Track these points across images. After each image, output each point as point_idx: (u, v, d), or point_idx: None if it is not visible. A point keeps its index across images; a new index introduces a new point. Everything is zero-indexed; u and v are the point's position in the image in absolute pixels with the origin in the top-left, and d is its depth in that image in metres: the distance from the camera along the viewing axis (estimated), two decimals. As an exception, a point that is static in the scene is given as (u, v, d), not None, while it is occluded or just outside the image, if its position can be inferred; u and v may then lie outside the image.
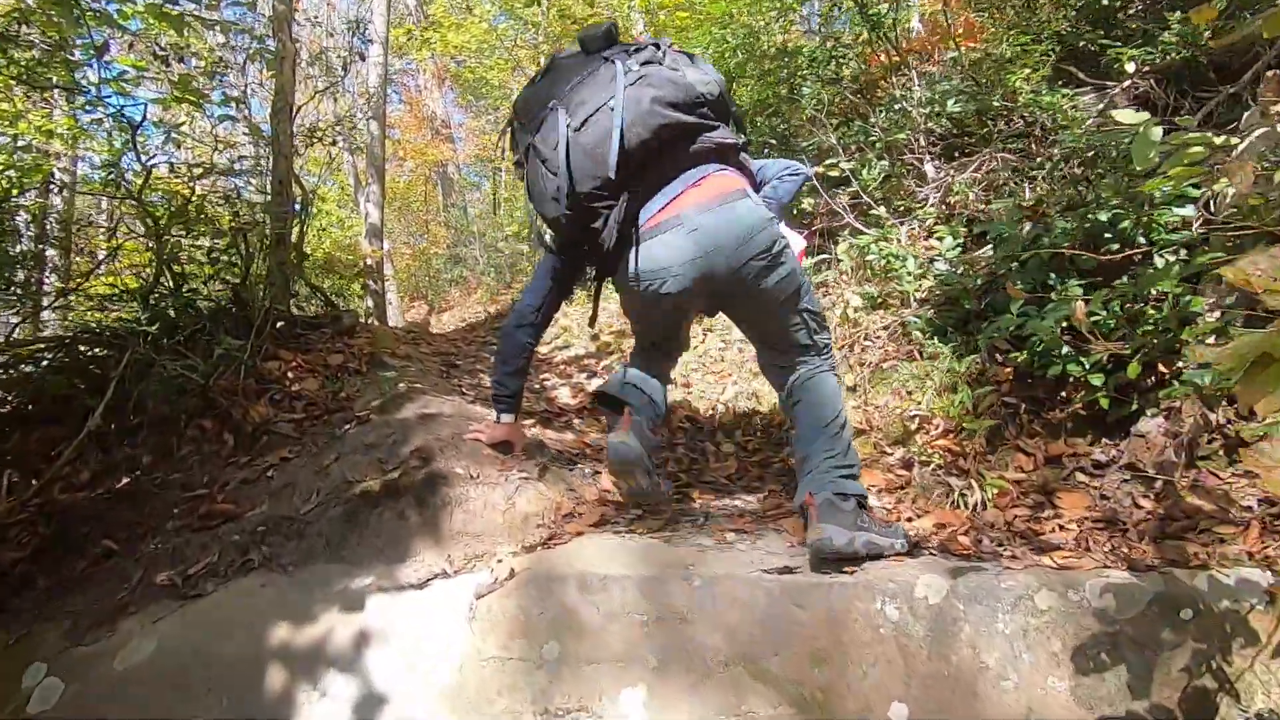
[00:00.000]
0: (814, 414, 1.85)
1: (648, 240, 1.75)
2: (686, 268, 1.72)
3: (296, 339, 3.42)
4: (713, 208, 1.71)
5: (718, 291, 1.81)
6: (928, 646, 1.40)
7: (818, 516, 1.60)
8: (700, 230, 1.70)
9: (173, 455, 2.46)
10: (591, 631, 1.50)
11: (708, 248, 1.71)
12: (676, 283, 1.74)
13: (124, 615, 1.72)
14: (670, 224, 1.72)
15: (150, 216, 3.29)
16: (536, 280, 2.02)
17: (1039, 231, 2.36)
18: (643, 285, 1.77)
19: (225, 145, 5.51)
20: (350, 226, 10.12)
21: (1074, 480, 1.91)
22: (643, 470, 1.89)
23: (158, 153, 5.26)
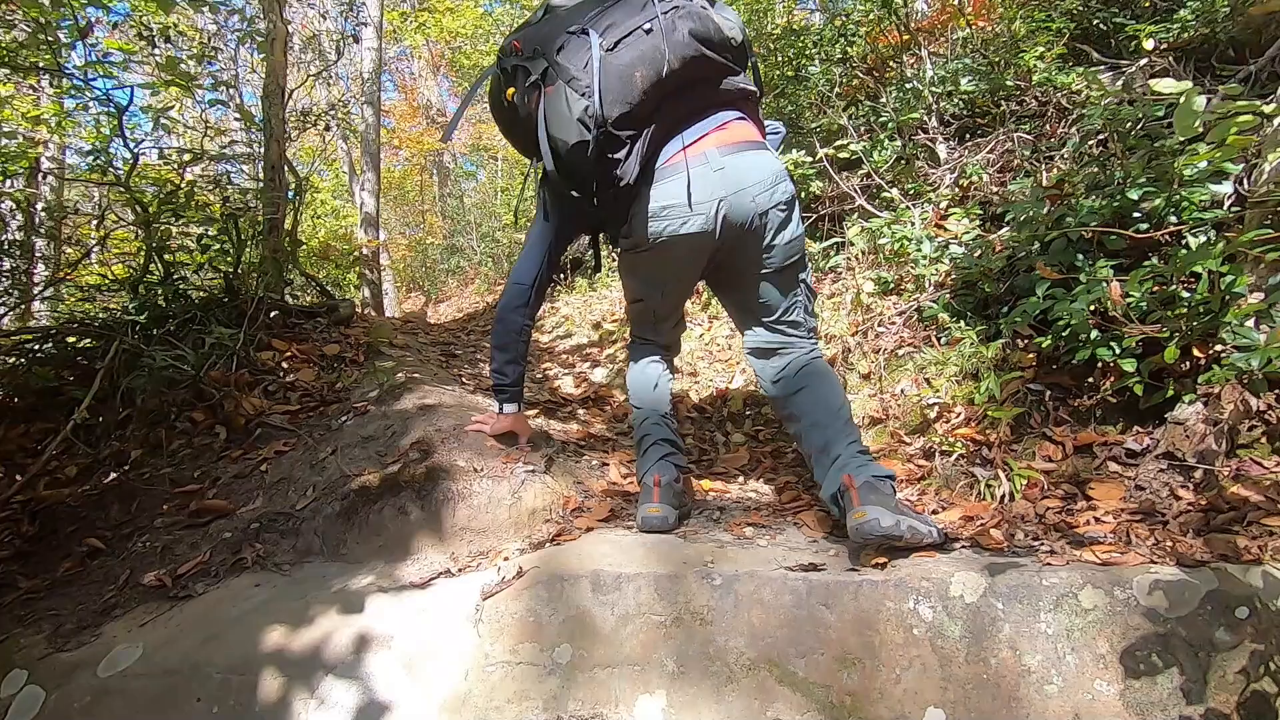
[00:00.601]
0: (827, 399, 1.78)
1: (669, 179, 1.70)
2: (710, 206, 1.68)
3: (291, 329, 3.32)
4: (739, 151, 1.71)
5: (733, 243, 1.75)
6: (965, 648, 1.31)
7: (859, 499, 1.50)
8: (727, 170, 1.69)
9: (163, 449, 2.37)
10: (605, 634, 1.41)
11: (733, 188, 1.68)
12: (698, 222, 1.70)
13: (109, 618, 1.63)
14: (695, 161, 1.69)
15: (139, 204, 3.18)
16: (527, 254, 1.92)
17: (1063, 212, 2.27)
18: (661, 226, 1.71)
19: (217, 131, 5.39)
20: (346, 216, 9.98)
21: (1106, 470, 1.83)
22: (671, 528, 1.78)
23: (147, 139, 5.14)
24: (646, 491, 1.78)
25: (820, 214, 3.60)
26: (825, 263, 3.43)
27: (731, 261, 1.84)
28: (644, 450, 1.91)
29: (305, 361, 2.98)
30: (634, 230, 1.76)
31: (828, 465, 1.66)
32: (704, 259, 1.84)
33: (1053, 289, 2.07)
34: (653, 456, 1.87)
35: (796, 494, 2.03)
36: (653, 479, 1.78)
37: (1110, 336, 1.94)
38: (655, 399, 2.01)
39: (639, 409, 2.01)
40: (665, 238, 1.73)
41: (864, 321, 2.83)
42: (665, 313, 2.03)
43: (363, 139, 7.57)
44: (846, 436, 1.69)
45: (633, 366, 2.09)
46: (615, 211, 1.78)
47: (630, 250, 1.83)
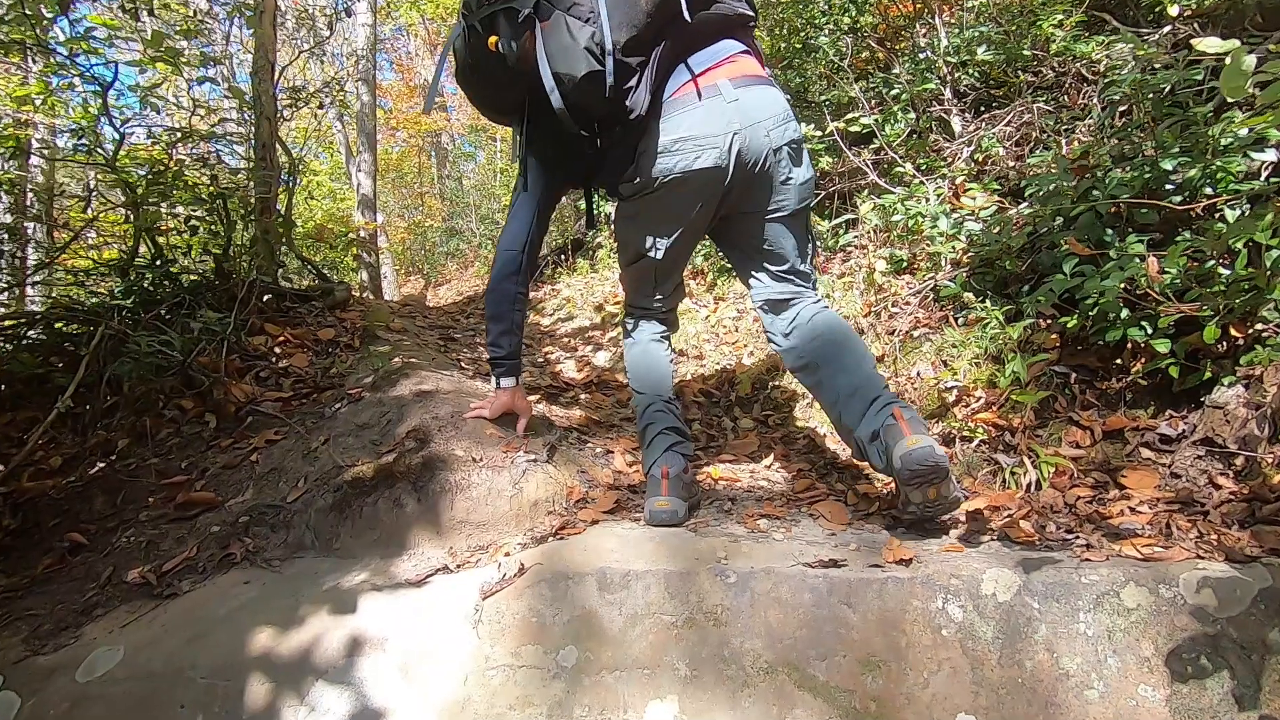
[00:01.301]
0: (851, 345, 1.73)
1: (679, 110, 1.62)
2: (725, 139, 1.61)
3: (285, 313, 3.22)
4: (750, 84, 1.65)
5: (744, 183, 1.68)
6: (998, 650, 1.22)
7: (910, 429, 1.45)
8: (741, 103, 1.62)
9: (150, 438, 2.28)
10: (613, 636, 1.33)
11: (748, 121, 1.62)
12: (711, 156, 1.61)
13: (90, 618, 1.55)
14: (708, 92, 1.62)
15: (126, 185, 3.07)
16: (514, 219, 1.81)
17: (1090, 184, 2.15)
18: (673, 162, 1.62)
19: (208, 110, 5.25)
20: (342, 199, 9.84)
21: (1139, 457, 1.73)
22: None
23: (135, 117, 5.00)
24: (654, 484, 1.69)
25: (830, 190, 3.48)
26: (835, 241, 3.32)
27: (742, 205, 1.75)
28: (649, 440, 1.81)
29: (299, 346, 2.88)
30: (641, 169, 1.66)
31: (864, 407, 1.59)
32: (715, 201, 1.73)
33: (1080, 266, 1.96)
34: (659, 447, 1.77)
35: (810, 482, 1.94)
36: (660, 470, 1.69)
37: (1141, 315, 1.84)
38: (658, 382, 1.90)
39: (641, 394, 1.90)
40: (677, 174, 1.63)
41: (877, 302, 2.72)
42: (667, 269, 1.87)
43: (358, 119, 7.41)
44: (880, 381, 1.65)
45: (631, 346, 1.97)
46: (620, 151, 1.69)
47: (635, 195, 1.72)
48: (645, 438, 1.83)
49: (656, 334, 1.98)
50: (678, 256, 1.86)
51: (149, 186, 3.09)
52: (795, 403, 2.64)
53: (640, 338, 1.97)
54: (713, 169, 1.63)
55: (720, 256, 3.71)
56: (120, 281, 2.98)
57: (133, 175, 3.16)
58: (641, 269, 1.88)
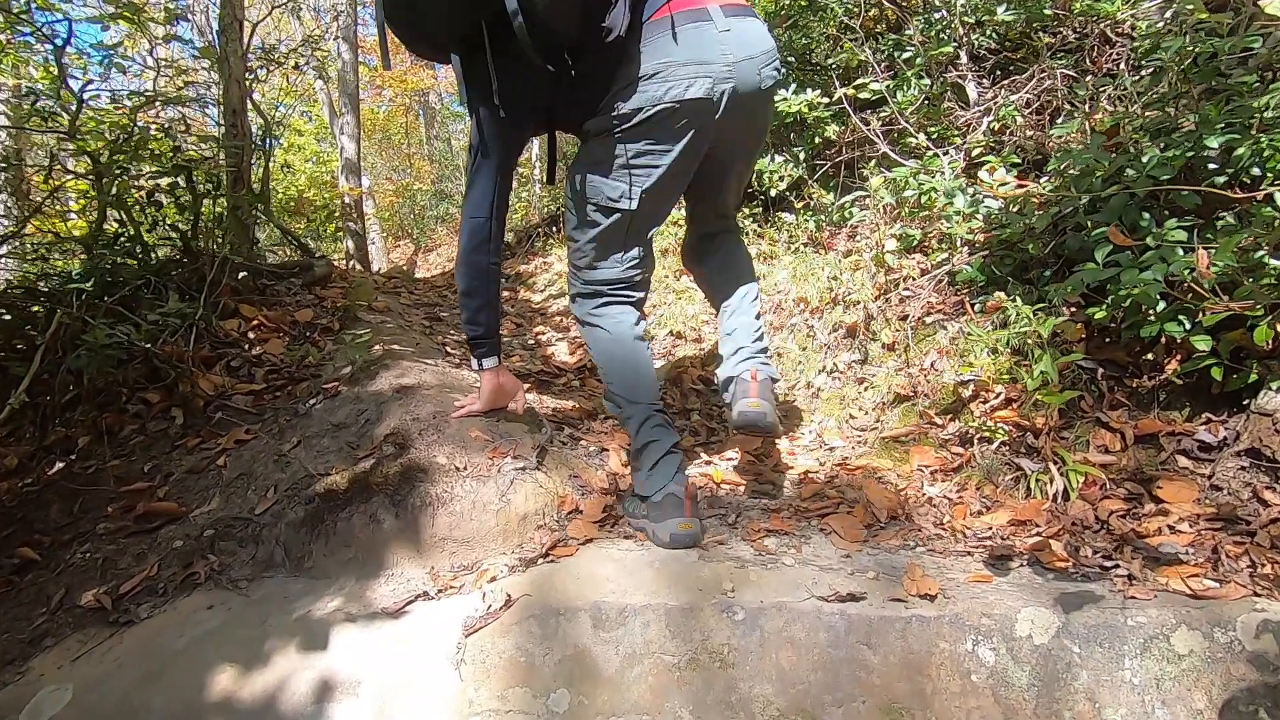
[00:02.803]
0: (744, 281, 1.84)
1: (664, 32, 1.46)
2: (716, 69, 1.48)
3: (261, 291, 3.05)
4: (740, 15, 1.53)
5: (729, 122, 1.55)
6: (1033, 699, 1.11)
7: (758, 391, 1.62)
8: (733, 33, 1.50)
9: (113, 436, 2.13)
10: (609, 677, 1.21)
11: (741, 54, 1.50)
12: (703, 86, 1.47)
13: (39, 649, 1.42)
14: (696, 16, 1.48)
15: (86, 153, 2.86)
16: (476, 181, 1.60)
17: (1124, 162, 1.98)
18: (660, 90, 1.47)
19: (177, 72, 4.96)
20: (327, 161, 9.52)
21: (1175, 465, 1.61)
22: None
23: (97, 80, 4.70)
24: (674, 503, 1.49)
25: (836, 161, 3.29)
26: (839, 215, 3.14)
27: (721, 146, 1.63)
28: (654, 462, 1.57)
29: (274, 331, 2.72)
30: (620, 100, 1.49)
31: (732, 350, 1.75)
32: (704, 139, 1.57)
33: (1114, 254, 1.81)
34: (668, 468, 1.55)
35: (819, 487, 1.81)
36: (683, 490, 1.52)
37: (1178, 309, 1.70)
38: (649, 389, 1.66)
39: (634, 404, 1.63)
40: (666, 103, 1.47)
41: (886, 284, 2.57)
42: (643, 223, 1.64)
43: (340, 78, 7.08)
44: (755, 329, 1.77)
45: (598, 333, 1.69)
46: (593, 82, 1.52)
47: (608, 131, 1.53)
48: (646, 458, 1.59)
49: (634, 322, 1.72)
50: (656, 207, 1.65)
51: (111, 155, 2.88)
52: (800, 392, 2.50)
53: (619, 330, 1.69)
54: (704, 100, 1.48)
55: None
56: (85, 258, 2.79)
57: (92, 143, 2.94)
58: (612, 227, 1.63)
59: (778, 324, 2.79)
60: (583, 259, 1.71)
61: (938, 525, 1.60)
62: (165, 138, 2.97)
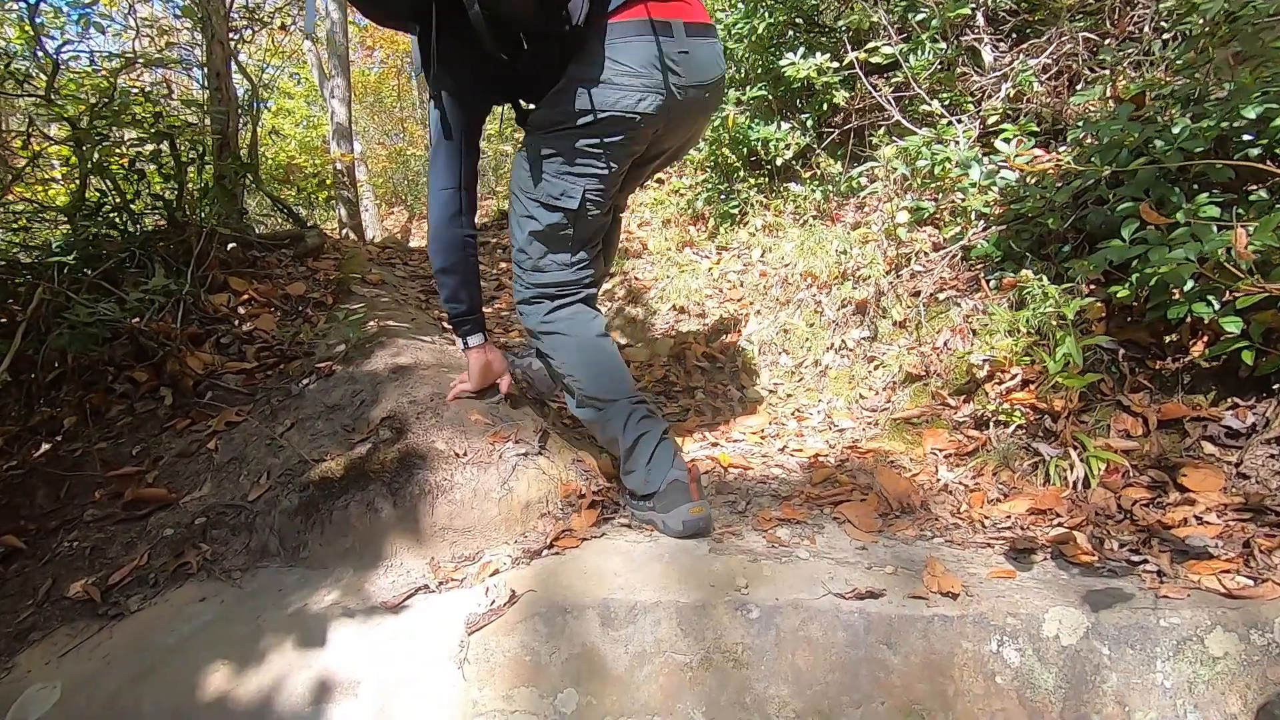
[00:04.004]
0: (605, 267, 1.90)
1: (625, 39, 1.39)
2: (668, 89, 1.43)
3: (251, 263, 2.95)
4: (701, 37, 1.48)
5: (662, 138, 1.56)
6: (1060, 702, 1.07)
7: None
8: (691, 56, 1.45)
9: (100, 416, 2.06)
10: (618, 677, 1.16)
11: (693, 80, 1.46)
12: (654, 102, 1.43)
13: (25, 644, 1.37)
14: (659, 29, 1.41)
15: (65, 118, 2.74)
16: (440, 151, 1.52)
17: (1151, 133, 1.89)
18: (613, 97, 1.40)
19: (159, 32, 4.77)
20: (317, 126, 9.28)
21: (1200, 451, 1.55)
22: None
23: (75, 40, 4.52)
24: (680, 489, 1.44)
25: (844, 130, 3.17)
26: (847, 186, 3.04)
27: (649, 154, 1.61)
28: (651, 453, 1.50)
29: (265, 306, 2.64)
30: (571, 97, 1.42)
31: None
32: (640, 150, 1.56)
33: (1141, 231, 1.73)
34: (666, 455, 1.50)
35: (830, 472, 1.76)
36: (686, 474, 1.46)
37: (1207, 289, 1.63)
38: (621, 379, 1.58)
39: (611, 401, 1.55)
40: (617, 112, 1.41)
41: (897, 258, 2.49)
42: (588, 224, 1.57)
43: (329, 39, 6.85)
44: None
45: (557, 340, 1.60)
46: (549, 70, 1.45)
47: (557, 126, 1.46)
48: (640, 453, 1.51)
49: (593, 318, 1.63)
50: (597, 209, 1.57)
51: (91, 121, 2.75)
52: (807, 370, 2.44)
53: (579, 330, 1.60)
54: (652, 116, 1.44)
55: (723, 200, 3.44)
56: (66, 230, 2.69)
57: (70, 108, 2.81)
58: (553, 226, 1.55)
59: (784, 299, 2.71)
60: (526, 260, 1.61)
61: (954, 514, 1.55)
62: (147, 102, 2.84)
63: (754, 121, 3.32)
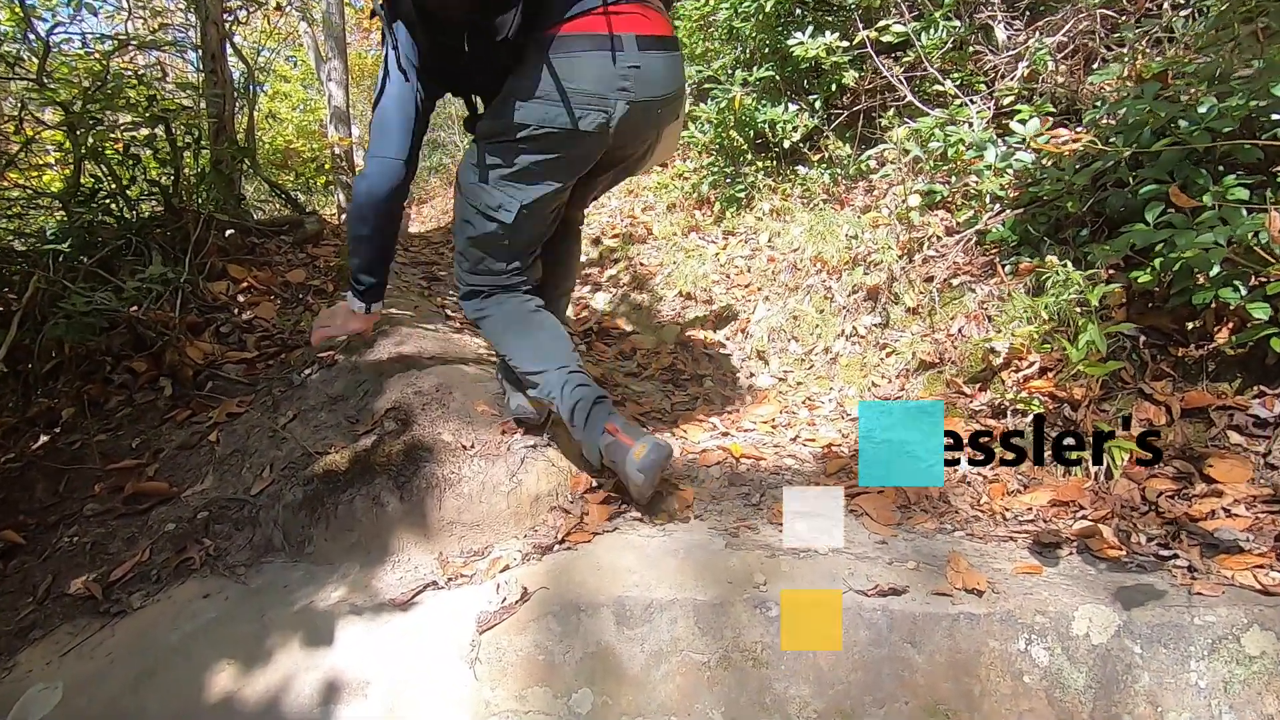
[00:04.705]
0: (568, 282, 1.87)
1: (567, 54, 1.32)
2: (615, 105, 1.37)
3: (250, 250, 2.90)
4: (655, 50, 1.39)
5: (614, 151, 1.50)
6: (1090, 702, 1.04)
7: None
8: (642, 70, 1.37)
9: (98, 407, 2.03)
10: (634, 676, 1.13)
11: (643, 95, 1.39)
12: (596, 120, 1.37)
13: (26, 642, 1.34)
14: (607, 43, 1.33)
15: (58, 102, 2.68)
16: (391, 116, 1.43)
17: (1176, 112, 1.84)
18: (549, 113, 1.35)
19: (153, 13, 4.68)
20: (315, 109, 9.16)
21: (1226, 441, 1.51)
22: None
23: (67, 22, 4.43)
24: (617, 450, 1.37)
25: (854, 111, 3.11)
26: (856, 168, 2.99)
27: (605, 164, 1.56)
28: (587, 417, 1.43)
29: (265, 294, 2.59)
30: (511, 109, 1.36)
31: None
32: (585, 167, 1.50)
33: (1166, 214, 1.68)
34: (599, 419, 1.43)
35: (844, 462, 1.73)
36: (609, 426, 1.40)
37: (1234, 274, 1.58)
38: (555, 346, 1.53)
39: (540, 371, 1.50)
40: (554, 128, 1.36)
41: (909, 243, 2.44)
42: (523, 238, 1.54)
43: (325, 20, 6.74)
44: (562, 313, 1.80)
45: (490, 320, 1.58)
46: (488, 74, 1.40)
47: (496, 137, 1.42)
48: (578, 416, 1.44)
49: (526, 299, 1.60)
50: (535, 223, 1.53)
51: (84, 105, 2.69)
52: (818, 357, 2.40)
53: (509, 306, 1.58)
54: (594, 135, 1.38)
55: (729, 184, 3.38)
56: (61, 217, 2.64)
57: (61, 93, 2.75)
58: (490, 236, 1.51)
59: (793, 285, 2.66)
60: (464, 262, 1.59)
61: (974, 506, 1.51)
62: (141, 85, 2.77)
63: (761, 103, 3.25)
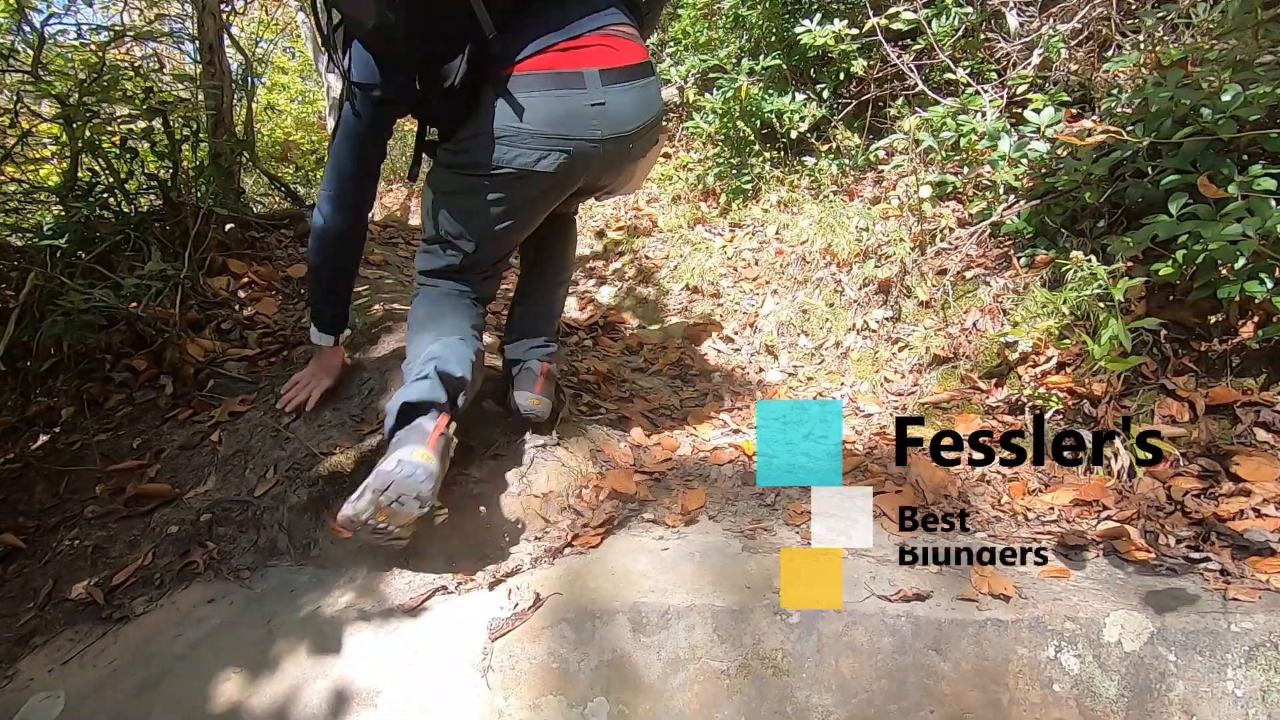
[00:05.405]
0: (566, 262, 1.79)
1: (526, 93, 1.26)
2: (576, 145, 1.31)
3: (250, 244, 2.86)
4: (626, 82, 1.33)
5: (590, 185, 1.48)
6: (1122, 712, 1.01)
7: (542, 389, 1.59)
8: (608, 108, 1.31)
9: (98, 407, 1.99)
10: (650, 685, 1.10)
11: (610, 132, 1.33)
12: (556, 160, 1.31)
13: (27, 649, 1.31)
14: (567, 81, 1.28)
15: (53, 95, 2.63)
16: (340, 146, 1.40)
17: (1199, 100, 1.79)
18: (507, 154, 1.29)
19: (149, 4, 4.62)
20: (313, 101, 9.08)
21: (1253, 439, 1.48)
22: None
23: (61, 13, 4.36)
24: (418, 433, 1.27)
25: (863, 100, 3.06)
26: (864, 159, 2.94)
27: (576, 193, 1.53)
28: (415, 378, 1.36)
29: (266, 289, 2.55)
30: (468, 147, 1.32)
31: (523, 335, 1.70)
32: (548, 205, 1.47)
33: (1190, 205, 1.64)
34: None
35: (859, 461, 1.69)
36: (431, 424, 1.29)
37: (1260, 267, 1.54)
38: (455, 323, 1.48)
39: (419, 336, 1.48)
40: (511, 170, 1.31)
41: (921, 235, 2.40)
42: (477, 265, 1.51)
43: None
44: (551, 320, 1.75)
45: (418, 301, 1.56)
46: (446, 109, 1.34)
47: (455, 169, 1.38)
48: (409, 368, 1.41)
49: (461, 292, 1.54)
50: (496, 249, 1.49)
51: (81, 97, 2.64)
52: (828, 352, 2.36)
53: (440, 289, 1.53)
54: (556, 175, 1.33)
55: (734, 175, 3.33)
56: (58, 212, 2.60)
57: (57, 86, 2.70)
58: (447, 256, 1.49)
59: (801, 278, 2.62)
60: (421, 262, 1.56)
61: (995, 506, 1.48)
62: (138, 77, 2.72)
63: (768, 92, 3.19)
